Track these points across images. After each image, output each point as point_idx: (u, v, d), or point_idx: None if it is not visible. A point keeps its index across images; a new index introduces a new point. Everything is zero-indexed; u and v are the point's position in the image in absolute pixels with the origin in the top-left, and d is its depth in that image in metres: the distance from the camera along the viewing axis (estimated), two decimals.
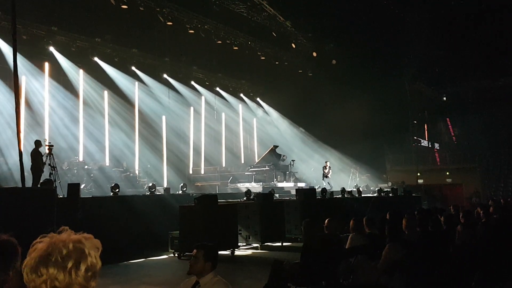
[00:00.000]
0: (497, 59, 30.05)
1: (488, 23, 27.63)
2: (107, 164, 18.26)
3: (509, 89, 32.69)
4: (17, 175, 10.88)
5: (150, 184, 13.81)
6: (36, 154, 12.15)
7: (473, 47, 29.40)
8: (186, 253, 9.99)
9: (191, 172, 22.46)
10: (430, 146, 34.80)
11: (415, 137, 32.23)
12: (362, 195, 17.87)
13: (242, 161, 24.99)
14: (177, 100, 22.22)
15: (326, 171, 20.14)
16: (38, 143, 12.45)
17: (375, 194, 19.09)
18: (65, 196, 10.35)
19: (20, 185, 9.64)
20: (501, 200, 14.08)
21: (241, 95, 26.19)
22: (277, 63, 25.99)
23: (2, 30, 15.29)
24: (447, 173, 30.36)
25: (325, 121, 25.36)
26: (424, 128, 35.23)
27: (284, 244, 12.40)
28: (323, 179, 20.25)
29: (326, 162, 20.70)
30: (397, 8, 26.15)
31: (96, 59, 18.80)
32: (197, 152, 22.95)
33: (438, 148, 34.79)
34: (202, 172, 22.65)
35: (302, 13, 23.91)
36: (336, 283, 5.81)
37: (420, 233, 6.27)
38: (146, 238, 11.53)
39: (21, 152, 9.49)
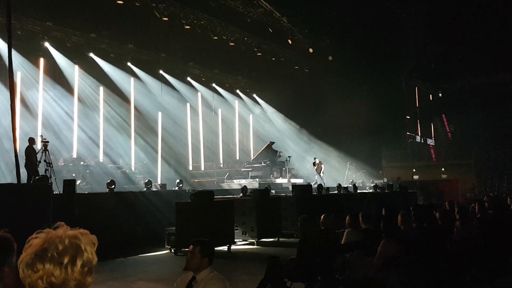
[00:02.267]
0: (493, 56, 30.15)
1: (484, 20, 27.70)
2: (103, 160, 18.20)
3: (504, 85, 32.85)
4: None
5: (146, 180, 13.79)
6: (30, 151, 12.10)
7: (469, 44, 29.48)
8: (183, 249, 10.00)
9: (191, 168, 22.46)
10: (422, 141, 34.94)
11: (408, 133, 32.35)
12: (358, 191, 17.91)
13: (238, 158, 24.99)
14: (174, 96, 22.15)
15: (315, 167, 20.05)
16: (31, 140, 12.40)
17: (370, 190, 19.15)
18: (61, 192, 10.32)
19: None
20: (497, 196, 14.17)
21: (238, 91, 26.16)
22: (273, 59, 25.94)
23: None
24: (443, 169, 30.50)
25: (321, 117, 25.36)
26: (417, 124, 35.34)
27: (280, 239, 12.44)
28: (316, 175, 20.16)
29: (315, 158, 20.60)
30: (394, 4, 26.16)
31: (91, 55, 18.71)
32: (194, 148, 22.93)
33: (433, 144, 34.91)
34: (202, 168, 22.64)
35: (299, 9, 23.86)
36: (332, 278, 5.83)
37: (415, 229, 6.30)
38: (142, 234, 11.54)
39: (17, 148, 9.45)
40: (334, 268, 5.97)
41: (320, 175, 19.92)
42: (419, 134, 35.02)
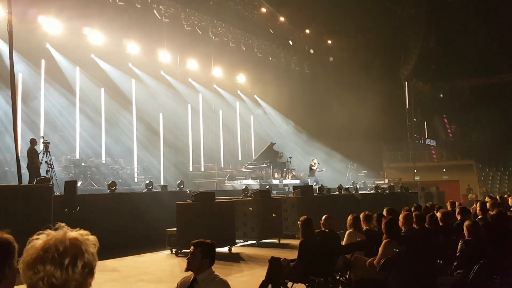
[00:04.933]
0: (493, 57, 30.14)
1: (485, 20, 27.70)
2: (104, 161, 18.22)
3: (505, 86, 32.83)
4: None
5: (147, 181, 13.78)
6: (31, 153, 12.12)
7: (470, 44, 29.47)
8: (184, 250, 10.00)
9: (192, 169, 22.46)
10: (429, 143, 34.82)
11: (415, 135, 32.18)
12: (359, 192, 17.90)
13: (239, 158, 24.99)
14: (175, 97, 22.19)
15: (315, 168, 19.97)
16: (33, 142, 12.43)
17: (372, 191, 19.12)
18: (62, 193, 10.33)
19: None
20: (497, 197, 14.16)
21: (238, 92, 26.18)
22: (274, 60, 25.97)
23: None
24: (444, 170, 30.46)
25: (322, 118, 25.35)
26: (424, 126, 35.22)
27: (282, 241, 12.43)
28: (309, 177, 20.00)
29: (313, 159, 20.52)
30: (394, 5, 26.18)
31: (92, 56, 18.74)
32: (195, 149, 22.94)
33: (434, 145, 34.84)
34: (202, 169, 22.64)
35: (299, 10, 23.87)
36: (333, 279, 5.83)
37: (416, 230, 6.29)
38: (143, 235, 11.54)
39: (18, 150, 9.47)
40: (335, 269, 5.97)
41: (312, 177, 19.79)
42: (426, 136, 34.86)
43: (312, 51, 26.61)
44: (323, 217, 6.70)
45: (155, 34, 20.22)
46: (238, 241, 11.83)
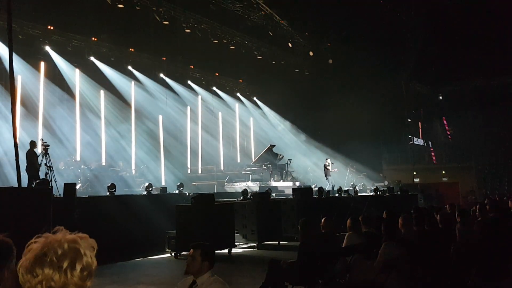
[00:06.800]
0: (492, 58, 30.17)
1: (484, 22, 27.75)
2: (103, 163, 18.21)
3: (504, 88, 32.87)
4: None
5: (147, 184, 13.77)
6: (31, 155, 12.12)
7: (469, 46, 29.51)
8: (183, 253, 10.00)
9: (191, 171, 22.45)
10: (425, 145, 34.86)
11: (409, 136, 32.28)
12: (359, 194, 17.90)
13: (239, 161, 25.00)
14: (174, 99, 22.22)
15: (329, 167, 19.80)
16: (33, 144, 12.43)
17: (371, 193, 19.12)
18: (61, 196, 10.32)
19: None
20: (497, 198, 14.17)
21: (238, 94, 26.20)
22: (273, 62, 25.98)
23: None
24: (443, 172, 30.46)
25: (321, 120, 25.35)
26: (419, 127, 35.27)
27: (281, 243, 12.43)
28: (326, 178, 19.78)
29: (327, 159, 20.37)
30: (393, 7, 26.21)
31: (92, 58, 18.77)
32: (194, 151, 22.94)
33: (433, 147, 34.85)
34: (199, 171, 22.62)
35: (299, 12, 23.90)
36: (332, 282, 5.82)
37: (416, 232, 6.29)
38: (142, 238, 11.52)
39: (17, 152, 9.46)
40: (335, 271, 5.96)
41: (329, 177, 19.70)
42: (421, 137, 34.90)
43: (311, 53, 26.61)
44: (323, 219, 6.70)
45: (154, 36, 20.24)
46: (238, 243, 11.83)
